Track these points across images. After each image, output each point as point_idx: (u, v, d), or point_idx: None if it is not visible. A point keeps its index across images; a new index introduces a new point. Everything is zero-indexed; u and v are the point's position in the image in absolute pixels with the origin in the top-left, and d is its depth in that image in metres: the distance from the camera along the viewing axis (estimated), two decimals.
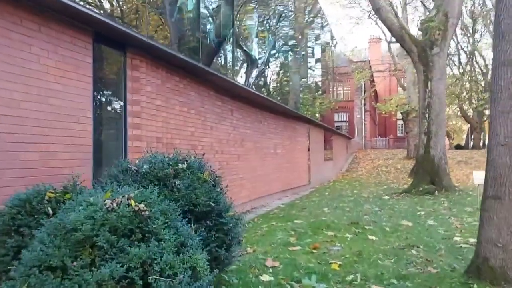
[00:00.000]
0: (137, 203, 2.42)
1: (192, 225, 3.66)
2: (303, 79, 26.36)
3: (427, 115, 13.44)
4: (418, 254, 5.71)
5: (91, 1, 5.03)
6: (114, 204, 2.34)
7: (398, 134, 51.62)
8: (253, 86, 11.94)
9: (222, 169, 8.49)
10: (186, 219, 3.50)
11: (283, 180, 13.38)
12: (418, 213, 9.67)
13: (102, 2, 5.34)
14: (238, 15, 15.02)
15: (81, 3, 4.37)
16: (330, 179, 22.02)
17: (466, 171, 22.64)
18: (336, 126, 36.33)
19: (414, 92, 30.06)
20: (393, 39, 31.22)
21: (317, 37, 28.57)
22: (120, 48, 5.29)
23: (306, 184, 16.58)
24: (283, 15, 22.92)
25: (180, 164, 3.94)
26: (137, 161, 4.11)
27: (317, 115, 24.38)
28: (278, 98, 13.48)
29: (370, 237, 6.87)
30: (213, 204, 3.74)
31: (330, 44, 31.19)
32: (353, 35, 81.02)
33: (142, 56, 5.60)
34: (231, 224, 3.95)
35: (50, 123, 4.13)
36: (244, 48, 18.51)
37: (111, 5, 5.52)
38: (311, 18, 26.50)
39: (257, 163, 10.87)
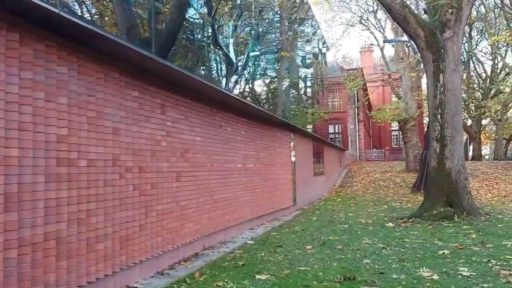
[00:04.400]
0: None
1: None
2: (292, 90, 23.88)
3: (439, 117, 10.42)
4: None
5: None
6: None
7: (393, 146, 50.63)
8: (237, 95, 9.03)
9: (144, 196, 5.46)
10: None
11: (258, 203, 10.32)
12: (441, 252, 6.69)
13: None
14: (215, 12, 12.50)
15: None
16: (322, 197, 19.08)
17: (475, 184, 19.86)
18: (330, 138, 33.79)
19: (412, 98, 27.61)
20: (389, 35, 28.65)
21: (308, 41, 26.20)
22: None
23: (291, 206, 13.51)
24: (267, 17, 20.51)
25: None
26: None
27: (309, 127, 21.80)
28: (265, 107, 10.41)
29: None
30: None
31: (321, 51, 28.89)
32: (344, 42, 79.25)
33: None
34: None
35: None
36: (223, 48, 15.80)
37: None
38: (299, 22, 24.09)
39: (215, 183, 7.83)
